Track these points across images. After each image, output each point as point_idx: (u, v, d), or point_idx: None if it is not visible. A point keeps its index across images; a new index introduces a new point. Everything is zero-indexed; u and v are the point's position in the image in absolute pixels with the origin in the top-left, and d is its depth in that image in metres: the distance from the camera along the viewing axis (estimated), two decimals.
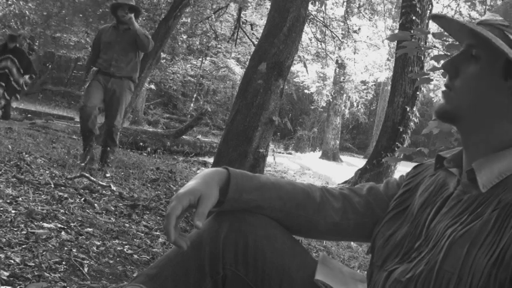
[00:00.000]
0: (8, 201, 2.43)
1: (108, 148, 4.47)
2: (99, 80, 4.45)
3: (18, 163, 3.54)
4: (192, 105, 21.12)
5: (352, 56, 15.86)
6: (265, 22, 4.17)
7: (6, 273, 1.55)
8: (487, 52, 0.82)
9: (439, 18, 0.91)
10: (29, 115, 9.71)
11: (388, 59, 16.97)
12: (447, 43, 2.57)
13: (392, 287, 0.84)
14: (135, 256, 2.14)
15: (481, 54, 0.83)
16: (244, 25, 12.53)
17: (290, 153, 16.83)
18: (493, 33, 0.80)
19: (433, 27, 8.36)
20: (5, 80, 7.84)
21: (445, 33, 1.14)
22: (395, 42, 7.78)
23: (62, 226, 2.24)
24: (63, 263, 1.80)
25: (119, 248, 2.17)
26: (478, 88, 0.82)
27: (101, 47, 4.61)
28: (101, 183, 3.44)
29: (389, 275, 0.87)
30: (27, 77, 8.19)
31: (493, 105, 0.82)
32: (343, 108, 19.10)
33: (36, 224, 2.16)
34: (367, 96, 20.99)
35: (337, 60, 16.54)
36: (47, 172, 3.55)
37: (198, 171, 6.02)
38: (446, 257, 0.75)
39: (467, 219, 0.78)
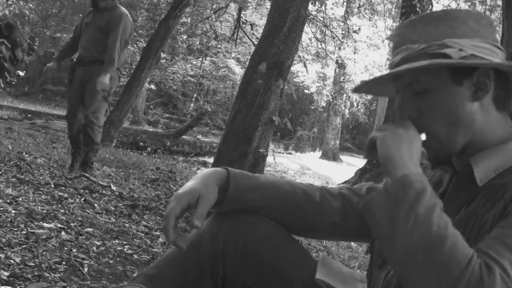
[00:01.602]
0: (8, 201, 2.43)
1: (87, 147, 3.89)
2: (77, 76, 3.93)
3: (18, 163, 3.55)
4: (192, 105, 21.12)
5: (352, 56, 15.85)
6: (265, 22, 4.17)
7: (6, 273, 1.55)
8: (431, 77, 0.82)
9: (362, 87, 0.95)
10: (29, 115, 9.71)
11: (388, 59, 16.96)
12: None
13: (391, 281, 0.85)
14: (135, 256, 2.14)
15: (428, 84, 0.83)
16: (244, 25, 12.54)
17: (290, 153, 16.82)
18: (413, 59, 0.82)
19: None
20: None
21: None
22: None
23: (62, 226, 2.24)
24: (63, 263, 1.80)
25: (119, 248, 2.17)
26: (454, 112, 0.82)
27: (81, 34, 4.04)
28: (101, 183, 3.45)
29: (388, 273, 0.87)
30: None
31: (469, 116, 0.83)
32: (343, 108, 19.09)
33: (36, 224, 2.16)
34: (367, 96, 20.97)
35: (337, 60, 16.53)
36: (47, 172, 3.55)
37: (198, 171, 6.02)
38: None
39: (465, 211, 0.80)
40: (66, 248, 1.95)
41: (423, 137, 0.83)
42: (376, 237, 0.78)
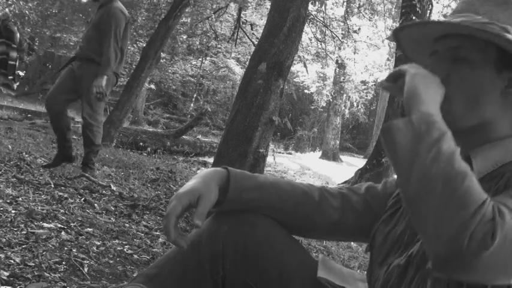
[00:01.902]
0: (8, 201, 2.43)
1: (88, 149, 3.76)
2: (74, 65, 3.77)
3: (18, 163, 3.55)
4: (192, 105, 21.11)
5: (352, 56, 15.85)
6: (265, 22, 4.17)
7: (6, 273, 1.55)
8: (477, 50, 0.82)
9: (415, 26, 0.89)
10: (29, 115, 9.71)
11: (388, 59, 16.98)
12: None
13: (393, 272, 0.85)
14: (135, 256, 2.14)
15: (471, 55, 0.82)
16: (244, 25, 12.54)
17: (290, 153, 16.82)
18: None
19: None
20: (4, 66, 7.93)
21: None
22: (395, 42, 7.77)
23: (62, 226, 2.24)
24: (63, 263, 1.80)
25: (119, 248, 2.17)
26: (476, 93, 0.82)
27: None
28: (101, 183, 3.45)
29: (389, 268, 0.87)
30: (15, 54, 8.22)
31: (489, 104, 0.83)
32: (343, 108, 19.10)
33: (36, 224, 2.16)
34: (367, 96, 20.99)
35: (337, 60, 16.53)
36: (47, 172, 3.55)
37: (198, 171, 6.03)
38: None
39: None
40: (66, 248, 1.95)
41: None
42: (391, 161, 0.75)
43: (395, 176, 1.10)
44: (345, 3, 13.84)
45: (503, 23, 0.81)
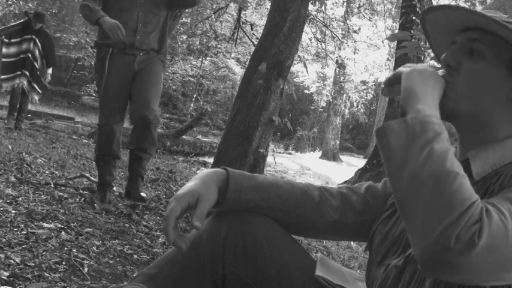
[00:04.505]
0: (8, 201, 2.43)
1: (141, 153, 2.95)
2: (121, 64, 2.87)
3: (18, 163, 3.55)
4: (192, 105, 21.11)
5: (352, 56, 15.88)
6: (265, 22, 4.17)
7: (6, 273, 1.56)
8: (492, 46, 0.81)
9: (442, 9, 0.87)
10: (29, 115, 9.71)
11: (388, 59, 17.00)
12: None
13: (391, 272, 0.85)
14: (135, 256, 2.14)
15: (485, 50, 0.82)
16: (244, 25, 12.53)
17: (290, 153, 16.82)
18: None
19: None
20: (30, 67, 6.24)
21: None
22: (395, 42, 7.78)
23: (62, 226, 2.24)
24: (63, 263, 1.80)
25: (119, 248, 2.17)
26: (482, 88, 0.82)
27: (108, 7, 2.91)
28: None
29: (387, 268, 0.88)
30: (49, 70, 6.60)
31: (492, 103, 0.82)
32: (343, 108, 19.10)
33: (36, 224, 2.16)
34: (367, 96, 21.01)
35: (337, 60, 16.55)
36: (47, 172, 3.56)
37: (198, 172, 6.03)
38: None
39: None
40: (66, 248, 1.96)
41: None
42: (385, 163, 0.76)
43: None
44: (345, 3, 13.85)
45: None
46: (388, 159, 0.74)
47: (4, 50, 6.21)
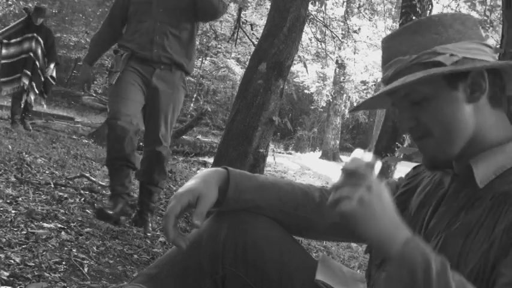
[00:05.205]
0: (8, 201, 2.43)
1: (152, 186, 2.75)
2: (137, 71, 2.69)
3: (18, 163, 3.55)
4: (192, 105, 21.11)
5: (352, 56, 15.86)
6: (265, 22, 4.17)
7: (6, 273, 1.56)
8: (424, 87, 0.81)
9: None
10: (29, 115, 9.69)
11: None
12: None
13: None
14: (135, 256, 2.14)
15: (422, 94, 0.82)
16: (244, 25, 12.52)
17: (290, 153, 16.82)
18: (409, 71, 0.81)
19: None
20: (31, 67, 6.11)
21: None
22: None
23: (62, 226, 2.24)
24: (63, 263, 1.80)
25: (119, 248, 2.17)
26: (453, 118, 0.81)
27: (128, 12, 2.80)
28: (101, 183, 3.45)
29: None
30: (52, 66, 6.42)
31: (466, 120, 0.82)
32: (343, 108, 19.08)
33: (36, 224, 2.16)
34: (367, 96, 20.97)
35: (337, 60, 16.54)
36: (47, 172, 3.56)
37: (198, 171, 6.02)
38: (443, 249, 0.76)
39: (466, 215, 0.78)
40: (66, 248, 1.96)
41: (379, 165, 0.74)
42: None
43: (395, 176, 1.10)
44: (345, 3, 13.85)
45: (429, 47, 0.81)
46: None
47: (4, 51, 6.11)
